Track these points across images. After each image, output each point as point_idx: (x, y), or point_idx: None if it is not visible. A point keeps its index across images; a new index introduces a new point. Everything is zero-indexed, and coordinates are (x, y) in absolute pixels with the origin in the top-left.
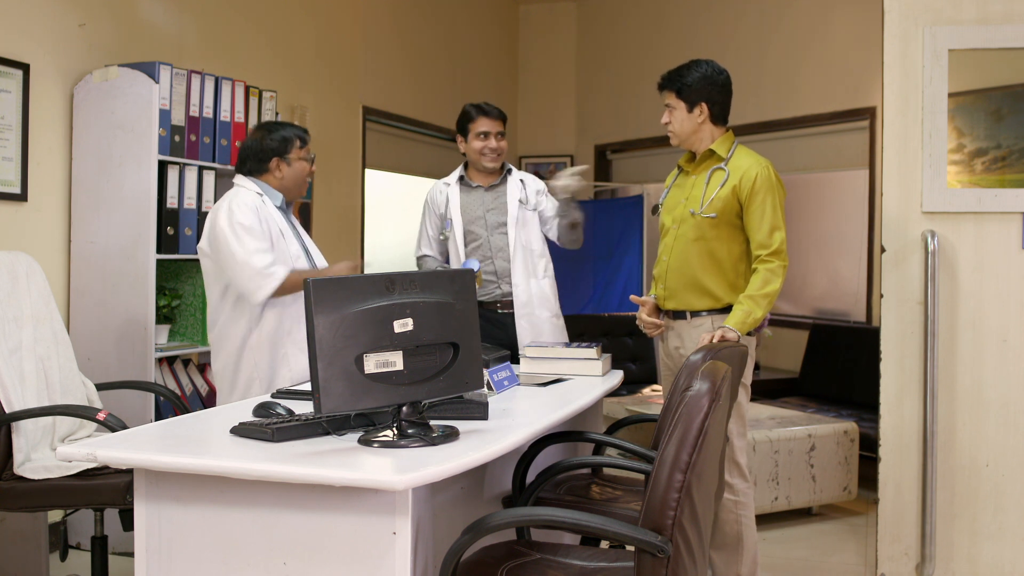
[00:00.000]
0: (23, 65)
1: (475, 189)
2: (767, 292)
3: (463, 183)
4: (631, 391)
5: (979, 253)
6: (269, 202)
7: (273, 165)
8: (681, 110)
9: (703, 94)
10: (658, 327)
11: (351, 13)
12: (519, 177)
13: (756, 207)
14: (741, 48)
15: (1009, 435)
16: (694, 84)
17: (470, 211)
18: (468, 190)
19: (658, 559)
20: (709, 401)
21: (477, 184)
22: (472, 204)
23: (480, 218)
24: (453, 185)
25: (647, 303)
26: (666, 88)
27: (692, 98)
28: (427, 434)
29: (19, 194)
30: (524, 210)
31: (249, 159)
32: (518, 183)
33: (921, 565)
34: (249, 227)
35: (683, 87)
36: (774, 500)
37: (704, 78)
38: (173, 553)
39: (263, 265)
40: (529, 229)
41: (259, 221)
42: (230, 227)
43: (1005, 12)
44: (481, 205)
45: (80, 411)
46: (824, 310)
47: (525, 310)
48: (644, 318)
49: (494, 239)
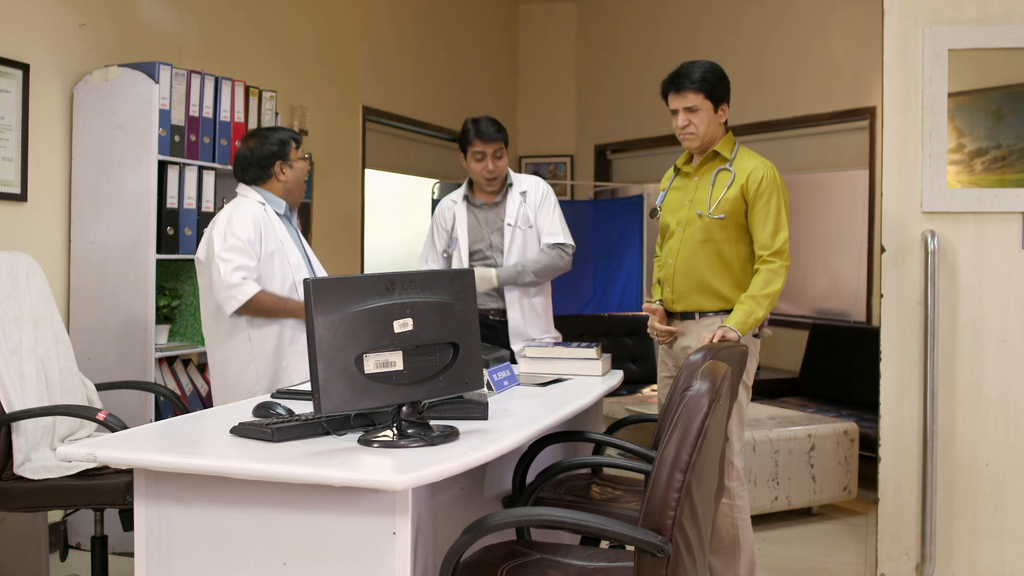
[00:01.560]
0: (23, 65)
1: (479, 208)
2: (768, 292)
3: (468, 202)
4: (631, 391)
5: (979, 253)
6: (271, 211)
7: (277, 169)
8: (707, 111)
9: (726, 93)
10: (671, 335)
11: (351, 13)
12: (520, 191)
13: (761, 207)
14: (741, 48)
15: (1009, 435)
16: (720, 83)
17: (475, 230)
18: (473, 209)
19: (658, 559)
20: (709, 401)
21: (481, 202)
22: (476, 223)
23: (484, 238)
24: (459, 203)
25: (658, 311)
26: (689, 89)
27: (720, 97)
28: (427, 434)
29: (19, 194)
30: (520, 231)
31: (252, 166)
32: (517, 199)
33: (921, 565)
34: (242, 242)
35: (712, 87)
36: (774, 500)
37: (722, 77)
38: (173, 553)
39: (235, 282)
40: (525, 248)
41: (257, 234)
42: (223, 239)
43: (1005, 12)
44: (486, 224)
45: (80, 411)
46: (824, 310)
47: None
48: (657, 327)
49: (500, 258)
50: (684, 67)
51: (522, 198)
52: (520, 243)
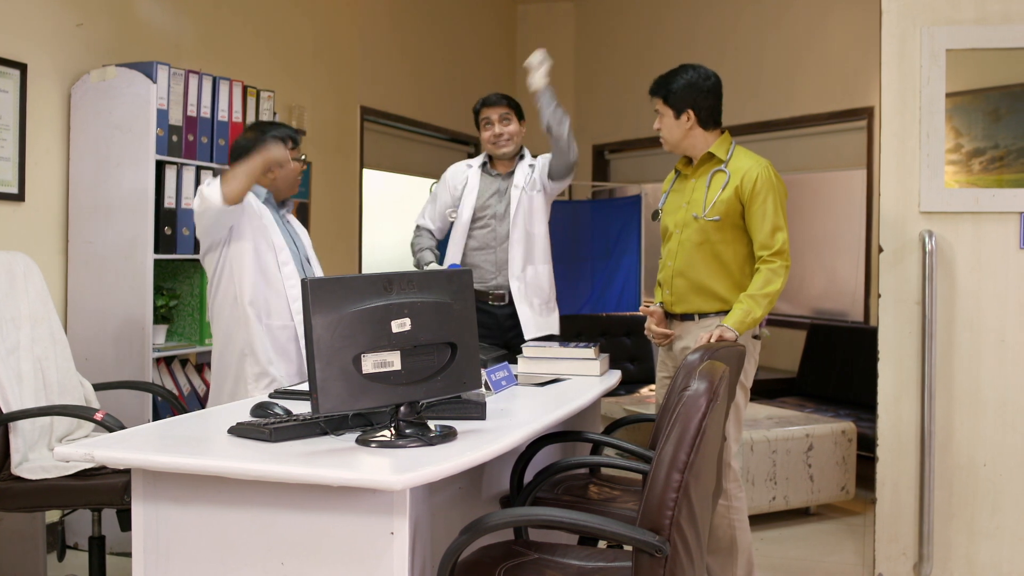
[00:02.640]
0: (20, 65)
1: (494, 177)
2: (767, 292)
3: (484, 170)
4: (629, 391)
5: (977, 253)
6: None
7: None
8: (669, 117)
9: (689, 100)
10: (667, 337)
11: (349, 13)
12: (528, 162)
13: (758, 207)
14: (739, 48)
15: (1007, 435)
16: (679, 91)
17: (484, 197)
18: (488, 177)
19: (656, 559)
20: (707, 401)
21: (496, 172)
22: (487, 190)
23: (491, 206)
24: (475, 169)
25: (656, 312)
26: (654, 95)
27: (678, 105)
28: (425, 434)
29: (16, 194)
30: (526, 195)
31: (242, 156)
32: (527, 168)
33: (919, 565)
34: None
35: (669, 94)
36: (772, 500)
37: (689, 84)
38: (171, 553)
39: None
40: (533, 216)
41: None
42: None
43: (1003, 12)
44: (496, 193)
45: (78, 411)
46: (822, 310)
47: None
48: (654, 328)
49: (501, 228)
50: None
51: (531, 169)
52: (527, 206)
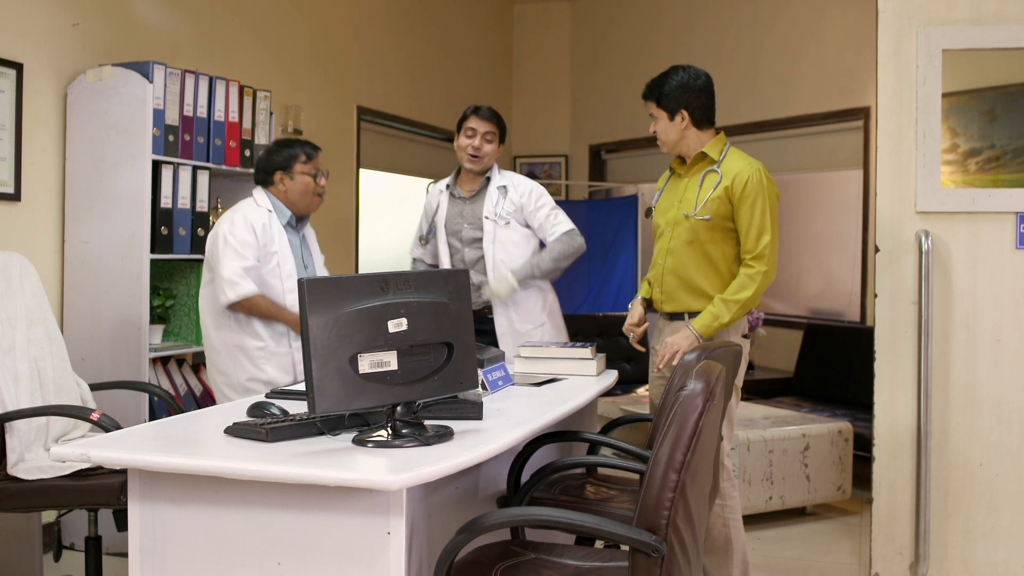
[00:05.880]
0: (16, 65)
1: (458, 200)
2: (739, 298)
3: (450, 192)
4: (626, 391)
5: (973, 253)
6: (276, 219)
7: (277, 178)
8: (663, 119)
9: (682, 101)
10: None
11: (345, 12)
12: (500, 184)
13: (746, 210)
14: (735, 48)
15: (1003, 434)
16: (671, 93)
17: (451, 223)
18: (452, 200)
19: (652, 559)
20: (703, 401)
21: (461, 194)
22: (453, 216)
23: (458, 232)
24: (444, 193)
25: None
26: (647, 99)
27: (672, 107)
28: (421, 434)
29: (12, 194)
30: (498, 226)
31: (259, 170)
32: (495, 194)
33: (915, 564)
34: (239, 242)
35: (661, 97)
36: (768, 500)
37: (681, 86)
38: (167, 553)
39: (236, 278)
40: (506, 244)
41: (255, 238)
42: (223, 239)
43: (999, 12)
44: (461, 218)
45: (74, 411)
46: (818, 310)
47: (506, 326)
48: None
49: (468, 253)
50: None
51: (500, 193)
52: (499, 237)
